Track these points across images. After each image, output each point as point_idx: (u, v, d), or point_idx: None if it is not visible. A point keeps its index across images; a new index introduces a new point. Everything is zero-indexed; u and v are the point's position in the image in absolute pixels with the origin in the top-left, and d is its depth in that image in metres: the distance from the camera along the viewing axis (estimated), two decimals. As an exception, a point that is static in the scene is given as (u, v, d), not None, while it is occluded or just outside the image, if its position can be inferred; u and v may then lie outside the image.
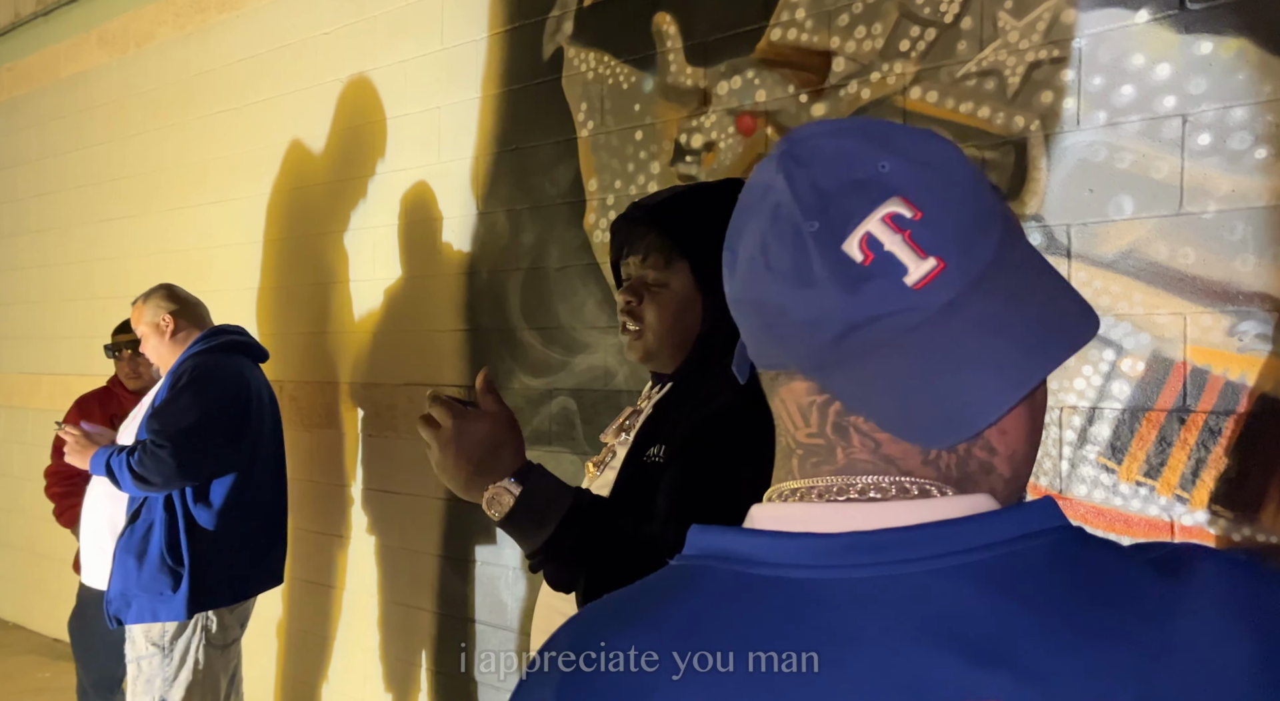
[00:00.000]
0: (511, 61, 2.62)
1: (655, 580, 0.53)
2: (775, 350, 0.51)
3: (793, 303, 0.48)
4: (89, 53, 4.17)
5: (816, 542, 0.48)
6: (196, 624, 2.33)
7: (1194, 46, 1.53)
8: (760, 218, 0.50)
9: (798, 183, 0.48)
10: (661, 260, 1.21)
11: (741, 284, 0.51)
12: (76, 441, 2.37)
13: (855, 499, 0.49)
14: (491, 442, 1.02)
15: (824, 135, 0.50)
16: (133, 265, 3.94)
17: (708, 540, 0.51)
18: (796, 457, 0.52)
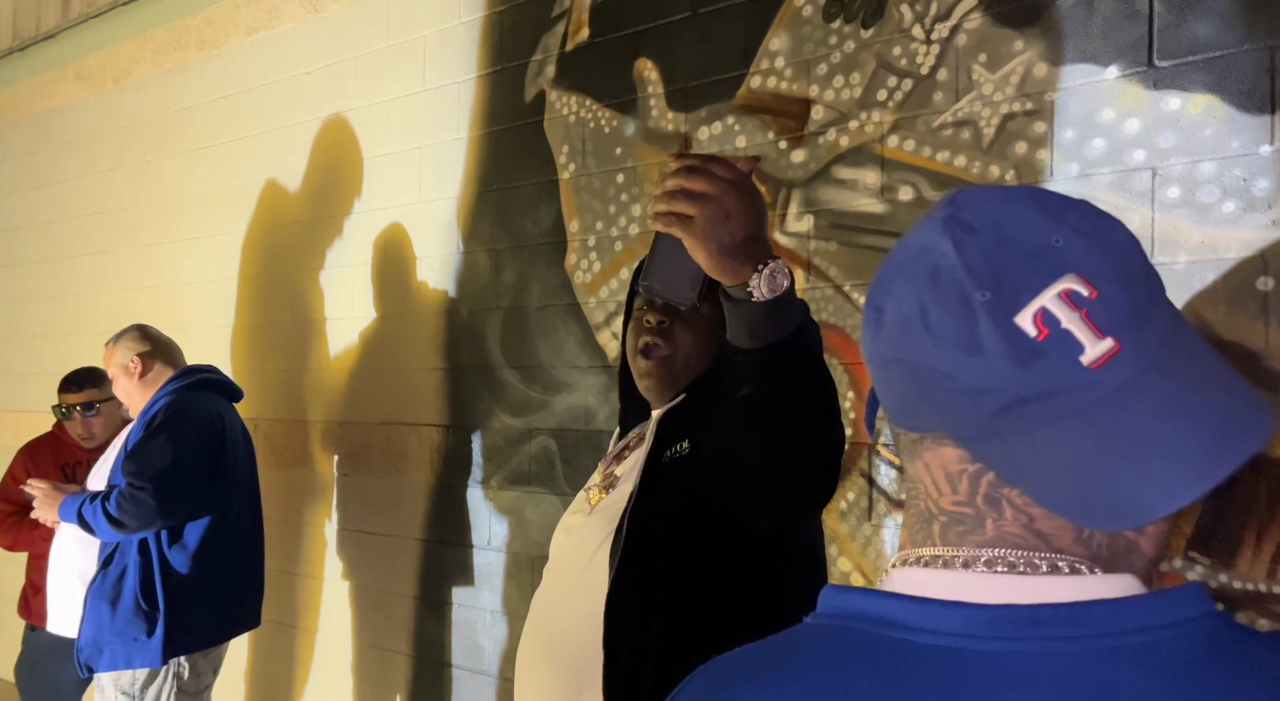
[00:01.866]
0: (494, 103, 2.64)
1: (790, 637, 0.52)
2: (928, 413, 0.50)
3: (957, 369, 0.48)
4: (65, 88, 4.15)
5: (968, 612, 0.47)
6: (168, 671, 2.27)
7: (1162, 102, 1.57)
8: (917, 279, 0.50)
9: (967, 250, 0.48)
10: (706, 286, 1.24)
11: (890, 343, 0.51)
12: (45, 494, 2.32)
13: (1004, 571, 0.48)
14: (762, 220, 0.93)
15: (992, 201, 0.50)
16: (104, 301, 3.89)
17: (846, 600, 0.51)
18: (939, 524, 0.52)
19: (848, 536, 1.95)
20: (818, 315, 2.01)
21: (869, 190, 1.93)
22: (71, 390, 2.77)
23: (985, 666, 0.45)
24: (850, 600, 0.51)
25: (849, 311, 1.97)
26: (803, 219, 2.04)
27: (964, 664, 0.46)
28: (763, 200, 0.95)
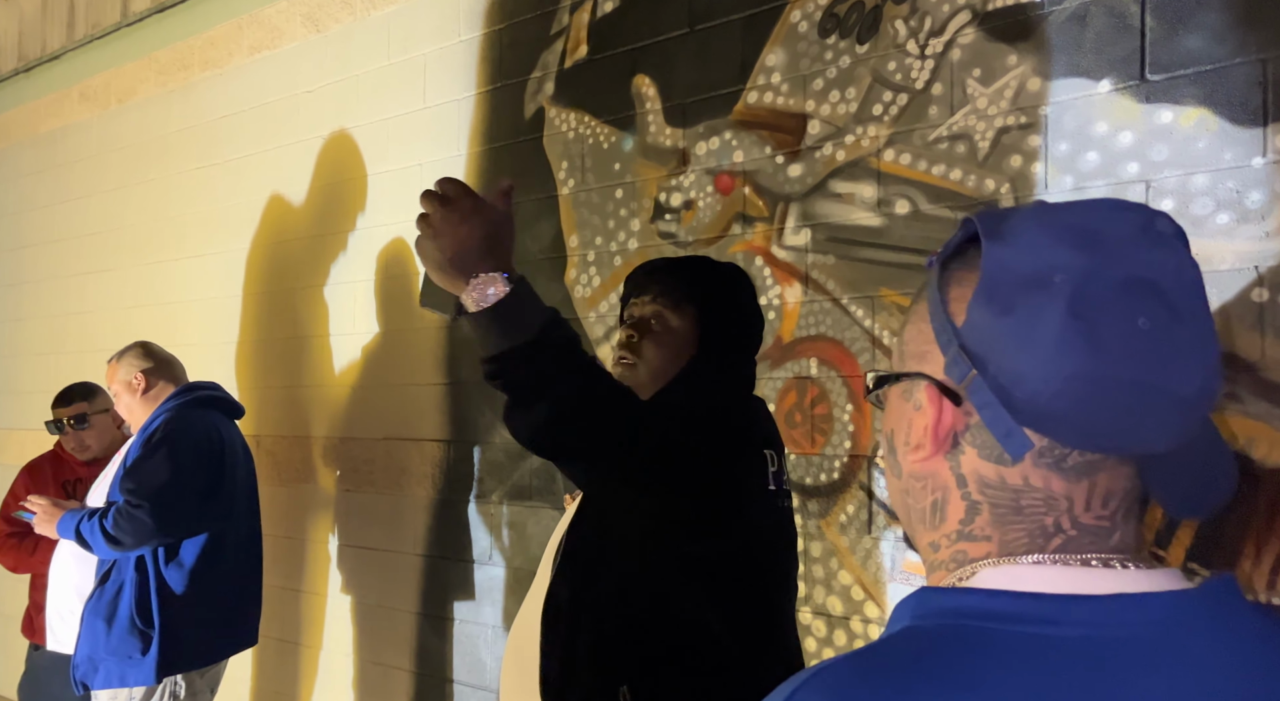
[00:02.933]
0: (494, 120, 2.66)
1: (908, 640, 0.51)
2: (1145, 434, 0.51)
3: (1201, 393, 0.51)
4: (70, 108, 4.19)
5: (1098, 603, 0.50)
6: (165, 689, 2.27)
7: (1155, 115, 1.58)
8: (1148, 297, 0.50)
9: (1190, 268, 0.52)
10: (671, 301, 1.32)
11: (1119, 362, 0.50)
12: (44, 511, 2.33)
13: (1117, 568, 0.52)
14: (497, 232, 1.02)
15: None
16: (108, 319, 3.91)
17: (959, 600, 0.52)
18: (1063, 537, 0.53)
19: (848, 549, 1.95)
20: (816, 327, 2.02)
21: (865, 204, 1.94)
22: (62, 404, 2.79)
23: (1118, 653, 0.48)
24: (962, 600, 0.52)
25: (847, 324, 1.97)
26: (800, 233, 2.05)
27: (1091, 655, 0.48)
28: (487, 217, 1.00)
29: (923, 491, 0.57)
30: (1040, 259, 0.51)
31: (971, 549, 0.54)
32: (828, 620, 1.96)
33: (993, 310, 0.52)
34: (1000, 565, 0.53)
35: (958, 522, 0.55)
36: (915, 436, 0.56)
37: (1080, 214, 0.53)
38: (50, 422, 2.80)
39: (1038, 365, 0.50)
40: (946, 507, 0.56)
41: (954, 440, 0.55)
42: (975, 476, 0.54)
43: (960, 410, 0.54)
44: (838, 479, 1.97)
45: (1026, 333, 0.51)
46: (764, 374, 2.10)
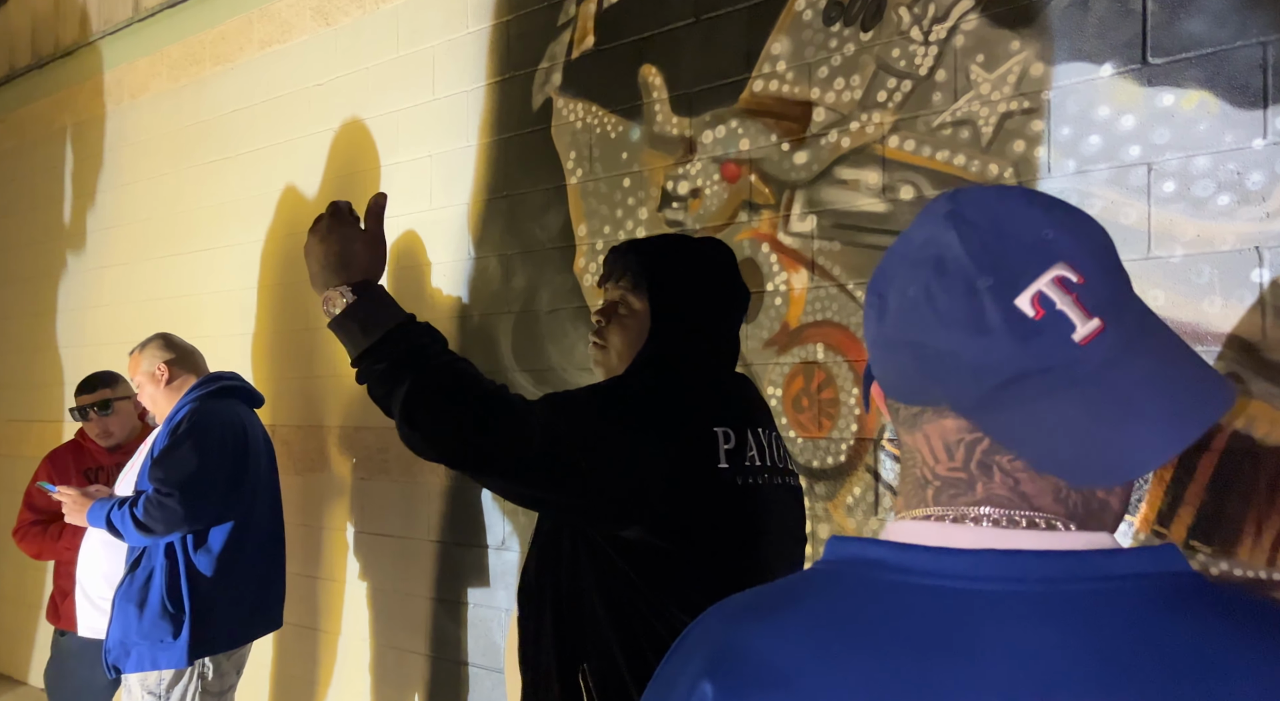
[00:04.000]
0: (502, 111, 2.68)
1: (800, 579, 0.58)
2: (933, 389, 0.56)
3: (963, 348, 0.53)
4: (84, 103, 4.24)
5: (954, 557, 0.53)
6: (193, 671, 2.32)
7: (1156, 99, 1.60)
8: (922, 268, 0.55)
9: (970, 241, 0.54)
10: (631, 284, 1.35)
11: (896, 326, 0.56)
12: (73, 500, 2.39)
13: (989, 526, 0.55)
14: (349, 251, 1.13)
15: (989, 198, 0.57)
16: (126, 312, 3.96)
17: (847, 548, 0.57)
18: (933, 488, 0.57)
19: (855, 531, 1.97)
20: (822, 313, 2.04)
21: (870, 190, 1.96)
22: (85, 391, 2.84)
23: (967, 604, 0.51)
24: (851, 548, 0.57)
25: (853, 310, 2.00)
26: (806, 219, 2.07)
27: (949, 601, 0.52)
28: (341, 235, 1.11)
29: (901, 455, 0.65)
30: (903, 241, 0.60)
31: (897, 504, 0.62)
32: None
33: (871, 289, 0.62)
34: (899, 521, 0.59)
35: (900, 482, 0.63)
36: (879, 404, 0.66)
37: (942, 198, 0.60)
38: (74, 409, 2.85)
39: (865, 328, 0.60)
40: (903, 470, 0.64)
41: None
42: (898, 440, 0.63)
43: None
44: (844, 462, 2.00)
45: (872, 307, 0.60)
46: (770, 359, 2.13)
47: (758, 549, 1.26)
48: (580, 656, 1.19)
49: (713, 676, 0.52)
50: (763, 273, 2.14)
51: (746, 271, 2.17)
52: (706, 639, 0.56)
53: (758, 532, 1.26)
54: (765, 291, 2.14)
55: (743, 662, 0.52)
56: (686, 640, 0.57)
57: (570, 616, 1.22)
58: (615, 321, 1.35)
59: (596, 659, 1.18)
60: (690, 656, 0.55)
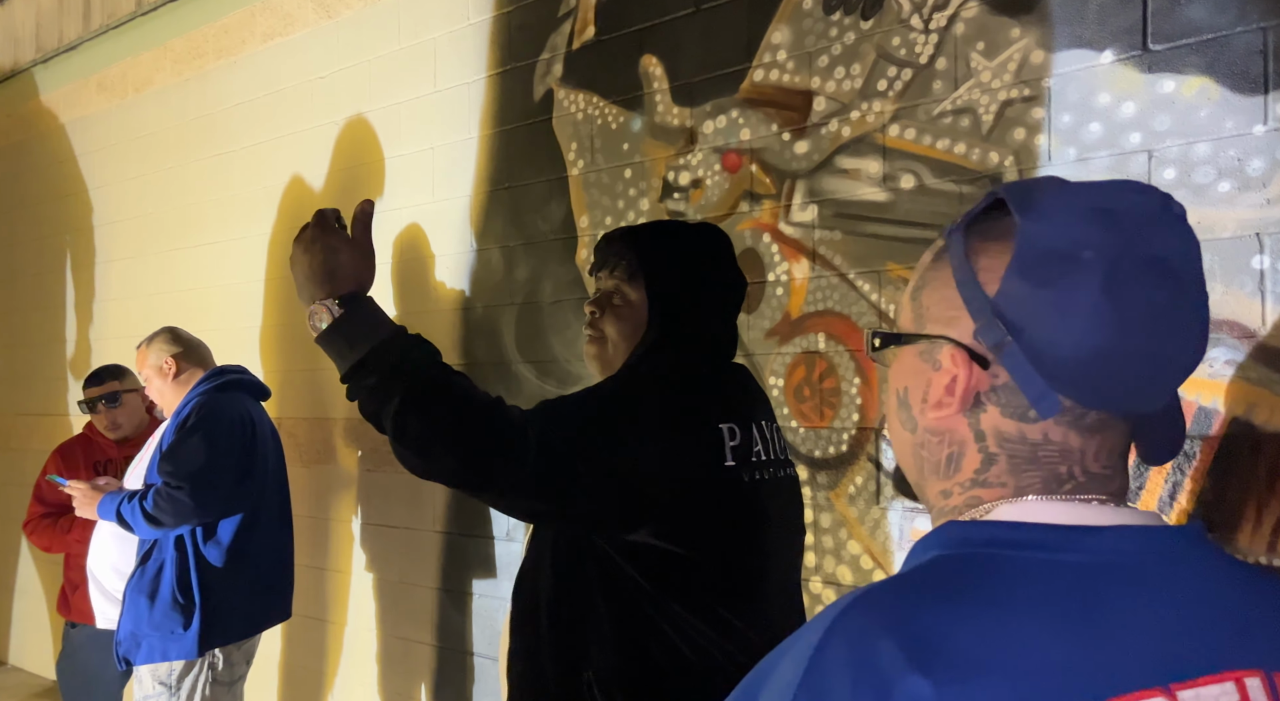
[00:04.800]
0: (503, 103, 2.69)
1: (950, 565, 0.56)
2: (1149, 396, 0.58)
3: (1190, 359, 0.58)
4: (88, 98, 4.25)
5: (1106, 534, 0.56)
6: (204, 662, 2.35)
7: (1157, 85, 1.59)
8: (1158, 274, 0.56)
9: (1194, 246, 0.58)
10: (625, 273, 1.30)
11: (1142, 334, 0.56)
12: (84, 494, 2.41)
13: (1110, 506, 0.59)
14: (334, 262, 1.09)
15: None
16: (132, 306, 3.99)
17: (987, 532, 0.57)
18: (1074, 483, 0.59)
19: (856, 520, 1.98)
20: (824, 303, 2.05)
21: (871, 179, 1.96)
22: (93, 384, 2.87)
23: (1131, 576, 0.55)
24: (986, 531, 0.57)
25: (854, 299, 2.00)
26: (807, 209, 2.07)
27: (1116, 575, 0.54)
28: (324, 245, 1.08)
29: (939, 445, 0.62)
30: (1070, 236, 0.56)
31: (985, 494, 0.60)
32: (837, 589, 2.00)
33: (1030, 283, 0.56)
34: (1015, 502, 0.58)
35: (972, 472, 0.61)
36: (935, 394, 0.61)
37: (1101, 195, 0.58)
38: (83, 402, 2.88)
39: (1071, 335, 0.55)
40: (962, 460, 0.61)
41: (976, 399, 0.60)
42: (995, 432, 0.60)
43: (987, 373, 0.59)
44: (846, 451, 2.01)
45: (1063, 305, 0.55)
46: (772, 349, 2.13)
47: (764, 544, 1.24)
48: (582, 665, 1.15)
49: (923, 669, 0.49)
50: (764, 263, 2.14)
51: (748, 261, 2.17)
52: (882, 635, 0.51)
53: (763, 527, 1.24)
54: (766, 281, 2.14)
55: (952, 652, 0.50)
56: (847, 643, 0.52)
57: (571, 624, 1.18)
58: (610, 312, 1.31)
59: (601, 667, 1.14)
60: (867, 655, 0.51)
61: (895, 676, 0.49)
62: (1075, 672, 0.50)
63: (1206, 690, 0.52)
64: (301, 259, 1.10)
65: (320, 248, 1.09)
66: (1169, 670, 0.52)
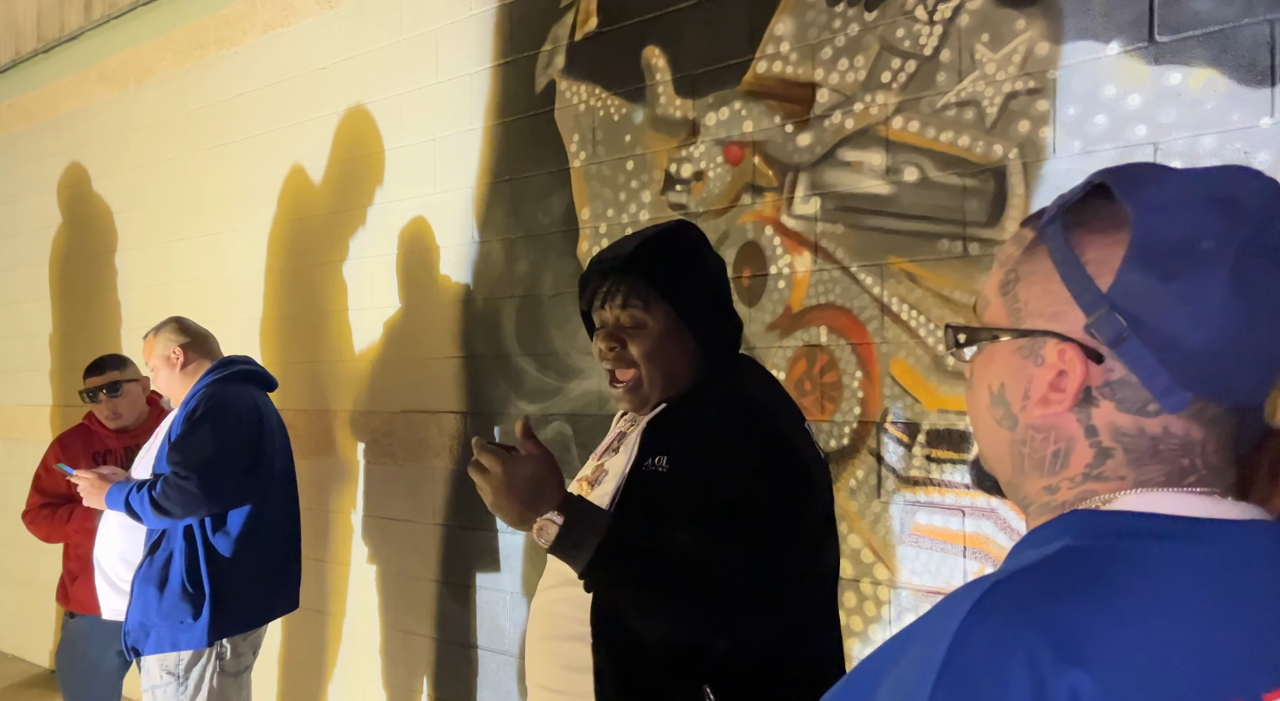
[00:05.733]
0: (505, 94, 2.68)
1: (1086, 559, 0.55)
2: (1265, 388, 0.57)
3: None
4: (89, 89, 4.24)
5: (1239, 527, 0.56)
6: (211, 652, 2.35)
7: (1164, 77, 1.58)
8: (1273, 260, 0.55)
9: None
10: (641, 303, 1.28)
11: (1269, 326, 0.55)
12: (91, 484, 2.41)
13: (1230, 500, 0.58)
14: (536, 481, 1.15)
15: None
16: (132, 297, 3.98)
17: (1120, 523, 0.57)
18: (1197, 476, 0.58)
19: (857, 514, 1.97)
20: (826, 296, 2.04)
21: (874, 172, 1.95)
22: (95, 374, 2.86)
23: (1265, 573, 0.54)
24: (1121, 522, 0.57)
25: (856, 292, 1.99)
26: (809, 202, 2.06)
27: (1250, 571, 0.54)
28: (523, 475, 1.15)
29: (1044, 442, 0.61)
30: (1191, 226, 0.55)
31: (1101, 487, 0.59)
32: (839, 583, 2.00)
33: (1152, 275, 0.55)
34: (1140, 493, 0.58)
35: (1084, 466, 0.60)
36: (1039, 390, 0.60)
37: (1217, 182, 0.57)
38: (84, 392, 2.87)
39: (1199, 329, 0.54)
40: (1070, 455, 0.60)
41: (1087, 394, 0.58)
42: (1109, 427, 0.58)
43: (1100, 367, 0.58)
44: (847, 445, 2.00)
45: (1190, 297, 0.54)
46: (774, 342, 2.12)
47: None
48: (702, 676, 1.18)
49: (1080, 663, 0.48)
50: (766, 256, 2.14)
51: (749, 254, 2.16)
52: (1028, 631, 0.50)
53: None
54: (768, 274, 2.13)
55: (1106, 646, 0.50)
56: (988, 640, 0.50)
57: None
58: (635, 342, 1.28)
59: (721, 676, 1.18)
60: (1013, 653, 0.49)
61: (1050, 672, 0.48)
62: (1229, 666, 0.50)
63: None
64: (507, 498, 1.15)
65: (517, 483, 1.15)
66: None
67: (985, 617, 0.51)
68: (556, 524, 1.14)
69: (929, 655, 0.50)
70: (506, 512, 1.16)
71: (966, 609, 0.51)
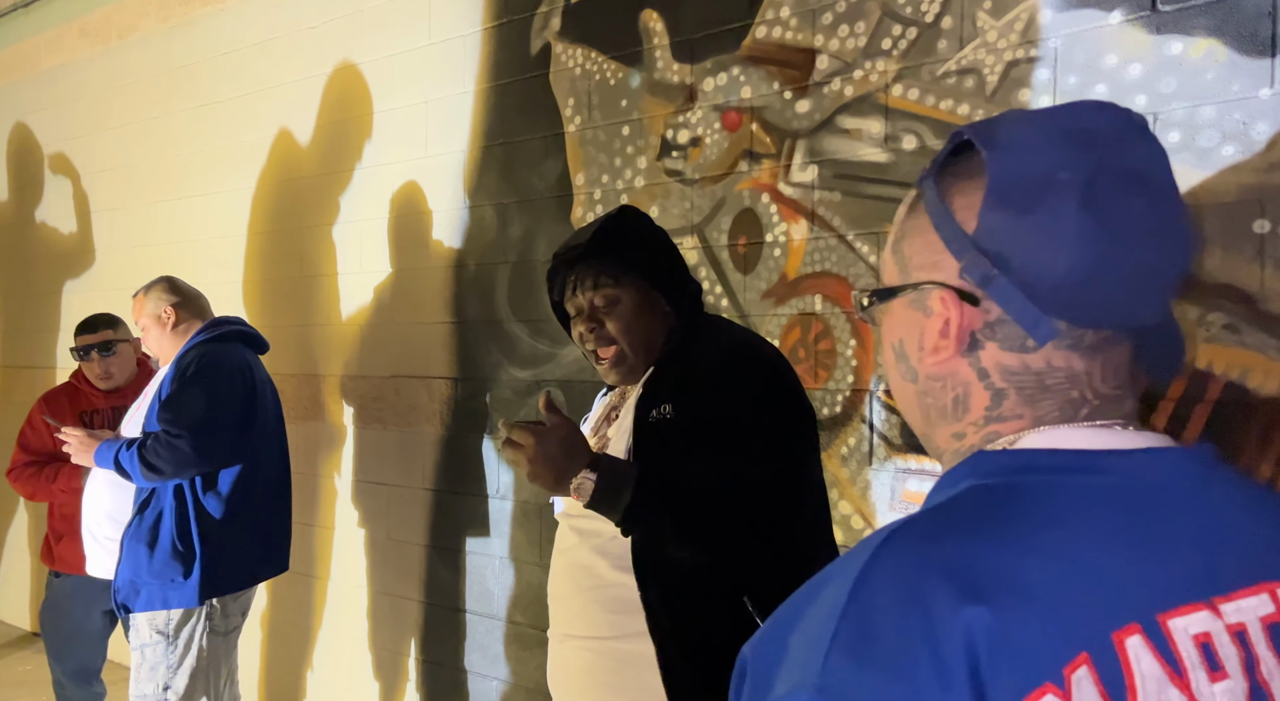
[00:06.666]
0: (499, 57, 2.64)
1: (985, 494, 0.56)
2: (1146, 308, 0.58)
3: (1182, 269, 0.58)
4: (70, 44, 4.15)
5: (1136, 456, 0.57)
6: (201, 612, 2.35)
7: (1165, 47, 1.58)
8: (1138, 184, 0.57)
9: (1162, 155, 0.58)
10: (611, 280, 1.39)
11: (1134, 246, 0.56)
12: (80, 441, 2.38)
13: (1131, 431, 0.59)
14: (567, 447, 1.25)
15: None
16: (116, 258, 3.93)
17: (1021, 459, 0.58)
18: (1089, 407, 0.59)
19: (848, 481, 1.99)
20: (821, 264, 2.04)
21: (873, 140, 1.95)
22: (87, 332, 2.82)
23: (1162, 496, 0.55)
24: (1020, 458, 0.58)
25: (852, 260, 1.99)
26: (807, 169, 2.05)
27: (1145, 497, 0.55)
28: (555, 444, 1.24)
29: (943, 390, 0.62)
30: (1043, 160, 0.56)
31: (1003, 428, 0.60)
32: (828, 548, 2.02)
33: (1009, 212, 0.56)
34: (1040, 432, 0.58)
35: (983, 409, 0.61)
36: (930, 340, 0.61)
37: (1067, 116, 0.59)
38: (75, 349, 2.84)
39: (1058, 257, 0.55)
40: (969, 399, 0.61)
41: (972, 339, 0.59)
42: (998, 367, 0.59)
43: (979, 310, 0.59)
44: (840, 412, 2.01)
45: (1046, 228, 0.55)
46: (768, 310, 2.12)
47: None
48: (739, 589, 1.29)
49: (978, 598, 0.49)
50: (762, 223, 2.13)
51: (746, 222, 2.16)
52: (931, 564, 0.51)
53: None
54: (764, 242, 2.13)
55: (1004, 579, 0.50)
56: (894, 572, 0.51)
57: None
58: (612, 318, 1.39)
59: (761, 586, 1.27)
60: (916, 585, 0.50)
61: (947, 609, 0.48)
62: (1126, 591, 0.51)
63: (1246, 602, 0.53)
64: (544, 466, 1.24)
65: (551, 452, 1.24)
66: (1210, 584, 0.53)
67: (886, 559, 0.52)
68: (592, 480, 1.24)
69: (835, 597, 0.51)
70: (545, 479, 1.25)
71: (870, 552, 0.52)
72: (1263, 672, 0.52)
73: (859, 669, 0.48)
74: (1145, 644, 0.50)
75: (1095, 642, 0.49)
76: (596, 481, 1.24)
